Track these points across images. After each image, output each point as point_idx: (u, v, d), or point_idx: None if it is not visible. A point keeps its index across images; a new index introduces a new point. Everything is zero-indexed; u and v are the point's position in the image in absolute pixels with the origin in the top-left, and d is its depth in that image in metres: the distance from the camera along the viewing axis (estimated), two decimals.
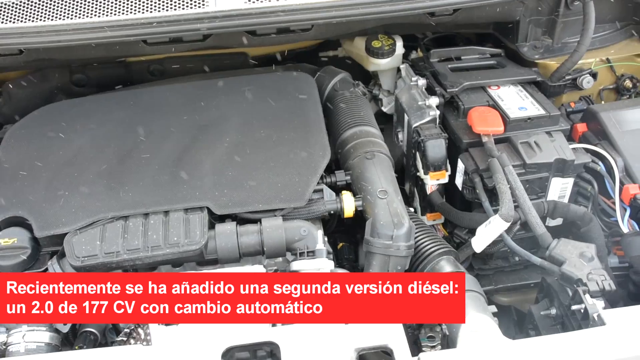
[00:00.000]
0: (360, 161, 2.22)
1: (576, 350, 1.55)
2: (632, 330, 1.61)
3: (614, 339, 1.58)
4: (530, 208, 2.16)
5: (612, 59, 2.77)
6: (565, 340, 1.60)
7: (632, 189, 2.30)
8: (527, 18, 2.67)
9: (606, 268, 2.22)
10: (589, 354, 1.53)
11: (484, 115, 2.35)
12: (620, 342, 1.57)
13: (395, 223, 1.98)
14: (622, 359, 1.51)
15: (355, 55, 2.87)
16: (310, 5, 2.22)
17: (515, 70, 2.65)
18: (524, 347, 1.58)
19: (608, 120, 2.49)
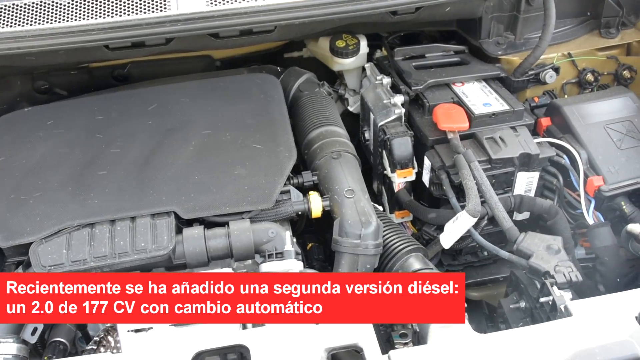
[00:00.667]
0: (327, 161, 2.22)
1: (544, 341, 1.56)
2: (597, 320, 1.63)
3: (580, 330, 1.60)
4: (497, 203, 2.17)
5: (574, 53, 2.80)
6: (533, 332, 1.61)
7: (596, 181, 2.33)
8: (489, 15, 2.69)
9: (573, 260, 2.25)
10: (556, 345, 1.54)
11: (449, 112, 2.37)
12: (586, 332, 1.58)
13: (363, 222, 1.99)
14: (588, 348, 1.52)
15: (320, 55, 2.88)
16: (272, 6, 2.21)
17: (479, 67, 2.67)
18: (493, 341, 1.59)
19: (571, 114, 2.52)
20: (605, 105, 2.60)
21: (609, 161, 2.40)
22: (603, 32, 2.88)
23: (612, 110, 2.58)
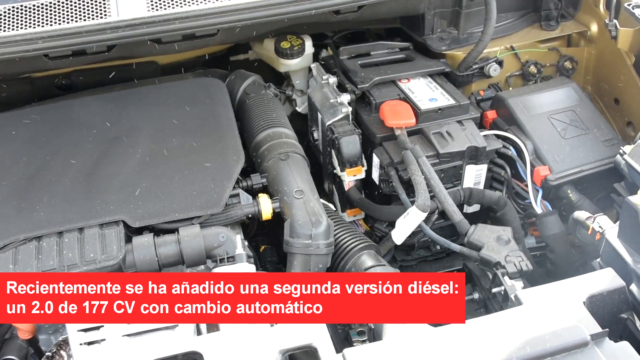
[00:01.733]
0: (275, 163, 2.21)
1: (496, 331, 1.58)
2: (547, 308, 1.65)
3: (530, 317, 1.62)
4: (446, 197, 2.19)
5: (516, 46, 2.84)
6: (485, 323, 1.63)
7: (542, 171, 2.37)
8: (431, 11, 2.72)
9: (523, 249, 2.29)
10: (508, 334, 1.56)
11: (396, 109, 2.38)
12: (537, 320, 1.60)
13: (313, 222, 1.99)
14: (538, 335, 1.54)
15: (265, 57, 2.87)
16: (214, 10, 2.19)
17: (424, 63, 2.69)
18: (446, 333, 1.60)
19: (516, 106, 2.56)
20: (549, 96, 2.65)
21: (554, 151, 2.44)
22: (543, 24, 2.93)
23: (555, 100, 2.63)
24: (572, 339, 1.54)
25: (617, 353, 1.55)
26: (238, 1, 2.22)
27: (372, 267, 2.03)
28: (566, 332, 1.55)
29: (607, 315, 1.76)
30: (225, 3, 2.21)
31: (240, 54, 3.01)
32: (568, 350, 1.53)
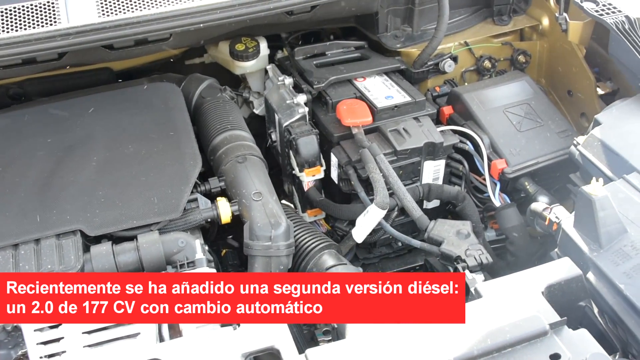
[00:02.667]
0: (233, 166, 2.20)
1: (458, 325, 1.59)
2: (506, 299, 1.67)
3: (490, 310, 1.64)
4: (405, 193, 2.20)
5: (470, 41, 2.87)
6: None
7: (499, 164, 2.39)
8: (385, 9, 2.73)
9: (483, 242, 2.31)
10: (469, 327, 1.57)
11: (352, 108, 2.38)
12: (497, 312, 1.62)
13: (273, 223, 1.98)
14: (499, 327, 1.55)
15: (221, 60, 2.85)
16: (166, 14, 2.18)
17: (379, 61, 2.70)
18: (407, 330, 1.61)
19: (471, 101, 2.59)
20: (504, 90, 2.68)
21: (510, 144, 2.47)
22: (496, 19, 2.96)
23: (510, 94, 2.66)
24: (531, 329, 1.56)
25: (575, 340, 1.57)
26: (190, 5, 2.20)
27: (333, 267, 2.03)
28: (525, 323, 1.57)
29: (566, 304, 1.79)
30: (177, 7, 2.20)
31: (196, 57, 2.99)
32: (528, 340, 1.55)
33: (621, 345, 1.77)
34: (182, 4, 2.21)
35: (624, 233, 1.87)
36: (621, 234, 1.86)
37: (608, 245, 1.86)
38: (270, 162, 2.69)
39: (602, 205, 1.84)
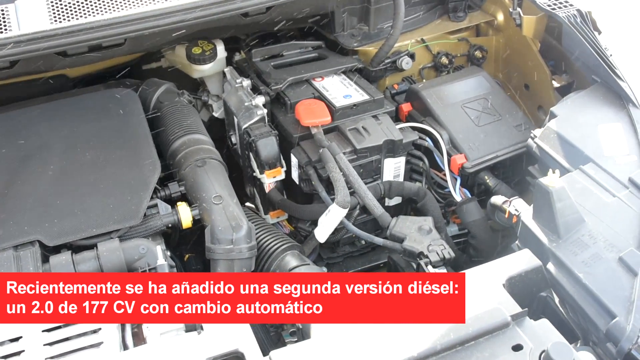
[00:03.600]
0: (192, 170, 2.19)
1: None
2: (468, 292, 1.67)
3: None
4: (366, 192, 2.21)
5: (427, 38, 2.88)
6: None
7: (459, 159, 2.41)
8: (341, 8, 2.73)
9: (446, 237, 2.32)
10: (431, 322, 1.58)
11: (311, 108, 2.38)
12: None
13: (234, 226, 1.98)
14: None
15: (178, 64, 2.83)
16: (119, 19, 2.15)
17: (336, 60, 2.71)
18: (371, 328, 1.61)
19: (429, 97, 2.60)
20: (461, 86, 2.70)
21: (469, 139, 2.49)
22: (452, 16, 2.98)
23: (467, 89, 2.69)
24: (493, 322, 1.57)
25: (537, 330, 1.58)
26: (144, 9, 2.19)
27: (297, 267, 2.03)
28: (487, 315, 1.58)
29: (527, 295, 1.81)
30: (131, 12, 2.18)
31: (153, 62, 2.96)
32: (490, 332, 1.56)
33: (582, 333, 1.79)
34: (136, 9, 2.19)
35: (581, 223, 1.89)
36: (579, 224, 1.89)
37: (566, 235, 1.88)
38: (231, 164, 2.69)
39: (559, 196, 1.86)
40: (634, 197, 1.94)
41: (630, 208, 1.92)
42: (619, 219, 1.90)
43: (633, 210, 1.91)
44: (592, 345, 1.74)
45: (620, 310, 1.68)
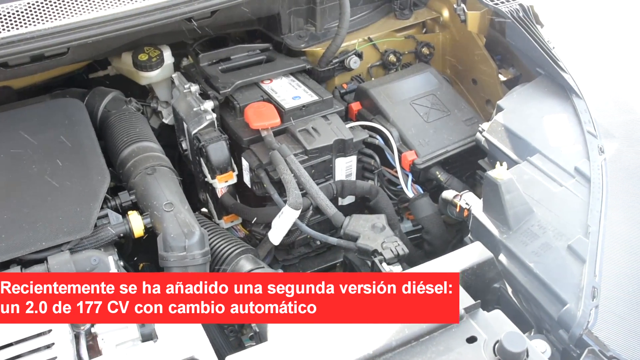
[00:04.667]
0: (142, 178, 2.16)
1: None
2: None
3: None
4: (318, 192, 2.21)
5: (374, 37, 2.89)
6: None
7: (409, 156, 2.43)
8: (287, 10, 2.73)
9: (400, 234, 2.34)
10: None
11: (260, 111, 2.38)
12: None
13: (186, 233, 1.96)
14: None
15: (125, 71, 2.79)
16: (61, 28, 2.11)
17: (284, 62, 2.70)
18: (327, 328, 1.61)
19: (378, 95, 2.62)
20: (409, 83, 2.72)
21: (419, 135, 2.51)
22: (398, 14, 3.00)
23: (416, 86, 2.71)
24: None
25: (490, 322, 1.60)
26: (86, 17, 2.14)
27: (251, 271, 2.02)
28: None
29: (481, 287, 1.83)
30: (73, 20, 2.13)
31: (99, 70, 2.92)
32: (445, 325, 1.57)
33: (535, 321, 1.82)
34: (78, 17, 2.14)
35: (530, 213, 1.92)
36: (528, 215, 1.92)
37: (516, 226, 1.91)
38: (183, 171, 2.68)
39: (507, 188, 1.89)
40: (581, 186, 1.98)
41: (577, 197, 1.96)
42: (567, 208, 1.94)
43: (580, 198, 1.95)
44: (545, 333, 1.77)
45: (571, 297, 1.71)
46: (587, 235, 1.82)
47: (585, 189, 1.96)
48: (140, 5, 2.22)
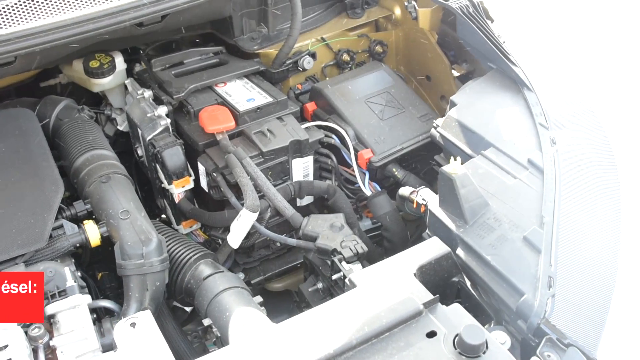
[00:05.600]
0: (97, 186, 2.14)
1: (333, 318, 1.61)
2: (379, 285, 1.70)
3: (365, 298, 1.67)
4: (275, 194, 2.21)
5: (327, 37, 2.90)
6: (321, 312, 1.65)
7: (365, 154, 2.44)
8: (238, 12, 2.72)
9: (359, 232, 2.35)
10: (346, 318, 1.59)
11: (214, 114, 2.36)
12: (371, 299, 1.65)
13: (143, 240, 1.94)
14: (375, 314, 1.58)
15: (77, 79, 2.75)
16: (6, 36, 2.07)
17: (238, 65, 2.69)
18: (286, 328, 1.62)
19: (333, 95, 2.63)
20: (364, 81, 2.74)
21: (375, 133, 2.52)
22: (350, 13, 3.01)
23: (370, 85, 2.73)
24: (406, 311, 1.60)
25: (449, 315, 1.62)
26: (32, 25, 2.10)
27: (211, 276, 2.01)
28: (400, 306, 1.61)
29: (440, 282, 1.85)
30: (19, 28, 2.09)
31: (51, 79, 2.87)
32: (404, 322, 1.59)
33: (495, 313, 1.84)
34: (24, 25, 2.10)
35: (486, 207, 1.94)
36: (484, 208, 1.94)
37: (472, 220, 1.92)
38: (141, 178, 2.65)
39: (462, 182, 1.90)
40: (534, 177, 2.00)
41: (531, 188, 1.98)
42: (521, 200, 1.96)
43: (534, 190, 1.97)
44: (504, 324, 1.79)
45: (528, 287, 1.73)
46: (541, 225, 1.84)
47: (539, 180, 1.99)
48: (89, 11, 2.18)
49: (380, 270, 1.78)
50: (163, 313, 2.12)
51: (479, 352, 1.51)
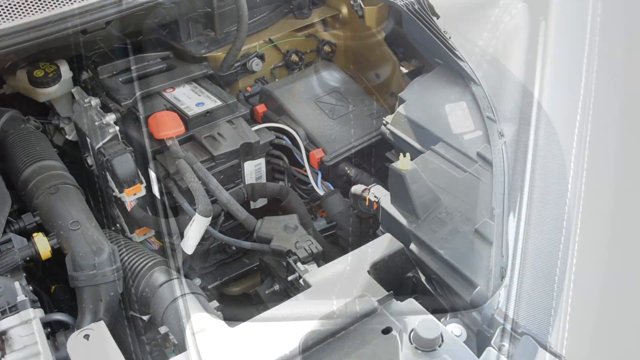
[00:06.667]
0: (45, 198, 2.10)
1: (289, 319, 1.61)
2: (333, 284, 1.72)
3: (320, 297, 1.67)
4: (228, 197, 2.20)
5: (275, 38, 2.89)
6: (276, 314, 1.65)
7: (317, 154, 2.45)
8: (184, 17, 2.70)
9: (314, 232, 2.35)
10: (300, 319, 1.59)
11: (163, 120, 2.35)
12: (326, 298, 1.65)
13: (95, 250, 1.91)
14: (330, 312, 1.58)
15: (22, 89, 2.70)
16: None
17: (186, 69, 2.67)
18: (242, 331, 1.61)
19: (282, 96, 2.63)
20: (313, 82, 2.75)
21: (325, 132, 2.54)
22: (297, 13, 3.00)
23: (319, 84, 2.74)
24: (361, 309, 1.61)
25: (404, 311, 1.64)
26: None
27: (166, 282, 1.99)
28: (354, 304, 1.62)
29: (394, 278, 1.86)
30: None
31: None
32: (359, 319, 1.60)
33: (450, 306, 1.86)
34: None
35: (437, 201, 1.96)
36: (435, 203, 1.96)
37: (424, 215, 1.94)
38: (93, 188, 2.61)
39: (412, 178, 1.92)
40: (484, 170, 2.03)
41: (481, 181, 2.00)
42: (472, 193, 1.98)
43: (483, 182, 1.99)
44: (460, 317, 1.80)
45: (481, 279, 1.75)
46: (492, 217, 1.86)
47: (488, 173, 2.01)
48: (30, 19, 2.13)
49: (334, 269, 1.79)
50: (119, 323, 2.09)
51: (435, 346, 1.53)
